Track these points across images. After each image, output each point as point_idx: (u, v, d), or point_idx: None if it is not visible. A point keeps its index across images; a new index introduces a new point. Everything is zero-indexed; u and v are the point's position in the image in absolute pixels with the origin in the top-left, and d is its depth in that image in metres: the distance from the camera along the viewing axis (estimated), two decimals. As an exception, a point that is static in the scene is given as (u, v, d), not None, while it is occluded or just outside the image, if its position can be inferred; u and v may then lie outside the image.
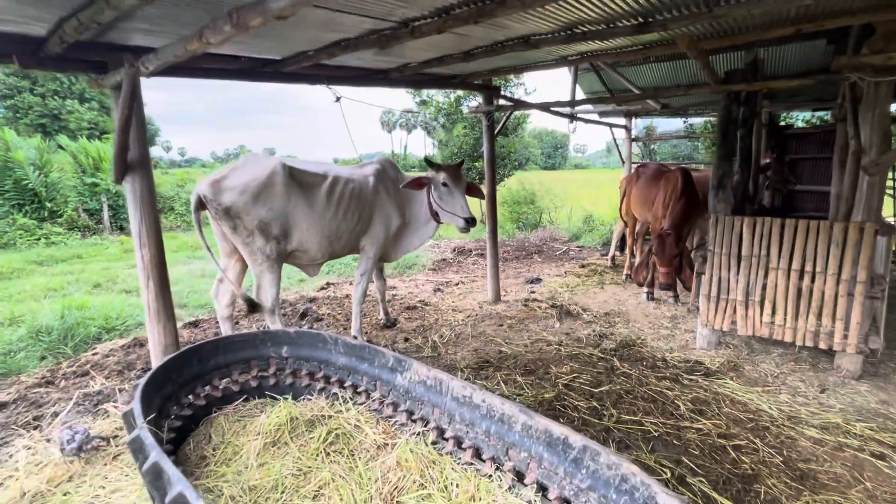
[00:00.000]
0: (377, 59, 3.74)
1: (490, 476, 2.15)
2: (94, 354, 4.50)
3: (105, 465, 2.70)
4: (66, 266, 8.82)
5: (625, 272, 6.95)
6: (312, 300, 6.15)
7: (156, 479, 1.73)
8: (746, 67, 4.12)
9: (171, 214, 14.70)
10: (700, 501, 2.38)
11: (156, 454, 1.74)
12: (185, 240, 11.61)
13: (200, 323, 5.39)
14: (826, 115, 8.99)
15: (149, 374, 2.36)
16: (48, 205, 12.31)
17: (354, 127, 4.68)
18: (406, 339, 4.69)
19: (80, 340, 4.72)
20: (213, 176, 3.46)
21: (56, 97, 26.28)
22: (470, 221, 4.07)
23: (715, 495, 2.42)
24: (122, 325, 5.22)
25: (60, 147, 14.28)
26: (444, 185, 4.09)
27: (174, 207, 14.96)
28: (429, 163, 4.20)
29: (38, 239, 11.14)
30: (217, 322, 5.00)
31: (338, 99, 3.95)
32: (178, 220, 14.39)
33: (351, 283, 6.97)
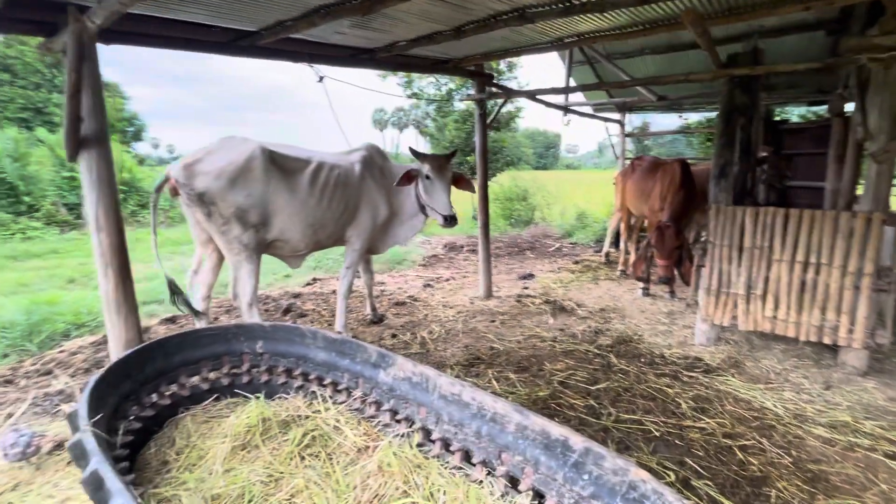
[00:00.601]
0: (362, 35, 3.52)
1: (480, 482, 1.94)
2: (60, 352, 4.23)
3: (57, 471, 2.45)
4: (41, 261, 8.46)
5: (619, 268, 6.80)
6: (297, 296, 5.91)
7: (96, 490, 1.50)
8: (747, 54, 3.97)
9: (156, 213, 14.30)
10: (707, 507, 2.20)
11: (96, 461, 1.51)
12: (168, 236, 11.27)
13: (178, 319, 5.13)
14: (822, 110, 8.92)
15: (103, 369, 2.12)
16: (26, 199, 11.86)
17: (346, 124, 4.44)
18: (394, 336, 4.48)
19: (46, 337, 4.44)
20: (187, 159, 3.22)
21: (41, 90, 25.58)
22: (448, 220, 3.82)
23: (723, 500, 2.24)
24: (93, 322, 4.94)
25: (39, 140, 13.82)
26: (427, 177, 3.86)
27: (166, 207, 14.55)
28: (414, 153, 3.97)
29: (14, 234, 10.72)
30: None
31: (321, 79, 3.72)
32: (162, 216, 13.99)
33: (338, 279, 6.73)
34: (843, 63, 3.28)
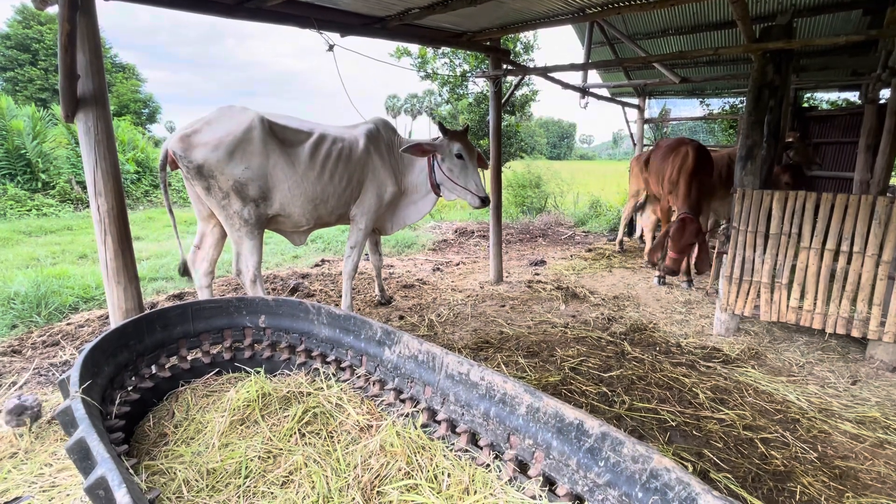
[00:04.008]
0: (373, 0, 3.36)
1: (488, 465, 1.84)
2: (67, 324, 4.22)
3: (57, 440, 2.41)
4: (55, 237, 8.54)
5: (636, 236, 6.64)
6: (305, 276, 5.85)
7: (83, 459, 1.43)
8: (782, 27, 3.72)
9: (168, 190, 14.39)
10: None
11: (83, 428, 1.43)
12: (181, 215, 11.30)
13: (185, 296, 5.10)
14: (853, 97, 8.53)
15: (98, 337, 2.05)
16: (42, 176, 11.97)
17: (362, 109, 4.25)
18: (401, 317, 4.39)
19: (54, 309, 4.44)
20: (184, 130, 3.11)
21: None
22: (486, 200, 3.81)
23: (744, 494, 2.12)
24: (101, 295, 4.94)
25: (55, 118, 13.91)
26: (459, 156, 3.74)
27: (171, 183, 14.62)
28: (442, 128, 3.78)
29: (30, 210, 10.85)
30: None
31: (330, 47, 3.57)
32: (175, 196, 14.10)
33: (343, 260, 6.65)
34: (888, 34, 3.04)
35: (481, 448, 1.92)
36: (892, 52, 4.22)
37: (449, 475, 1.81)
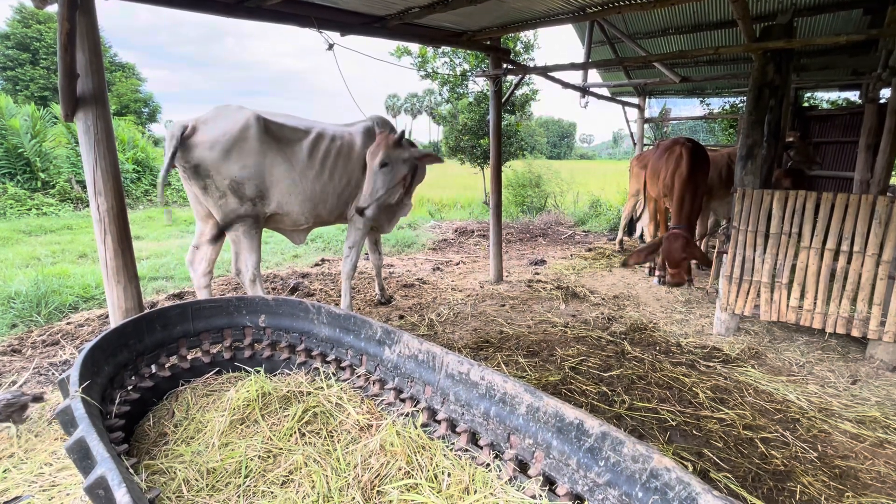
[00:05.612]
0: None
1: (488, 465, 1.84)
2: (67, 324, 4.22)
3: (56, 439, 2.41)
4: (55, 236, 8.54)
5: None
6: (305, 276, 5.85)
7: (83, 458, 1.42)
8: (782, 27, 3.72)
9: (167, 189, 14.38)
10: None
11: (83, 428, 1.43)
12: (180, 214, 11.32)
13: (185, 295, 5.10)
14: (853, 97, 8.53)
15: (98, 337, 2.05)
16: (41, 175, 11.96)
17: (359, 112, 4.22)
18: (401, 317, 4.39)
19: (54, 309, 4.44)
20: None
21: (59, 71, 25.64)
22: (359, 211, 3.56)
23: (744, 493, 2.12)
24: (101, 295, 4.94)
25: (55, 117, 13.90)
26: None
27: (170, 183, 14.60)
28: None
29: (30, 209, 10.84)
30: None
31: (330, 46, 3.56)
32: (175, 196, 14.08)
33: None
34: (888, 34, 3.04)
35: (481, 447, 1.92)
36: (893, 51, 4.21)
37: (449, 475, 1.81)
